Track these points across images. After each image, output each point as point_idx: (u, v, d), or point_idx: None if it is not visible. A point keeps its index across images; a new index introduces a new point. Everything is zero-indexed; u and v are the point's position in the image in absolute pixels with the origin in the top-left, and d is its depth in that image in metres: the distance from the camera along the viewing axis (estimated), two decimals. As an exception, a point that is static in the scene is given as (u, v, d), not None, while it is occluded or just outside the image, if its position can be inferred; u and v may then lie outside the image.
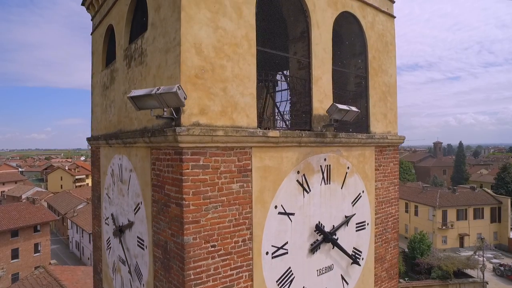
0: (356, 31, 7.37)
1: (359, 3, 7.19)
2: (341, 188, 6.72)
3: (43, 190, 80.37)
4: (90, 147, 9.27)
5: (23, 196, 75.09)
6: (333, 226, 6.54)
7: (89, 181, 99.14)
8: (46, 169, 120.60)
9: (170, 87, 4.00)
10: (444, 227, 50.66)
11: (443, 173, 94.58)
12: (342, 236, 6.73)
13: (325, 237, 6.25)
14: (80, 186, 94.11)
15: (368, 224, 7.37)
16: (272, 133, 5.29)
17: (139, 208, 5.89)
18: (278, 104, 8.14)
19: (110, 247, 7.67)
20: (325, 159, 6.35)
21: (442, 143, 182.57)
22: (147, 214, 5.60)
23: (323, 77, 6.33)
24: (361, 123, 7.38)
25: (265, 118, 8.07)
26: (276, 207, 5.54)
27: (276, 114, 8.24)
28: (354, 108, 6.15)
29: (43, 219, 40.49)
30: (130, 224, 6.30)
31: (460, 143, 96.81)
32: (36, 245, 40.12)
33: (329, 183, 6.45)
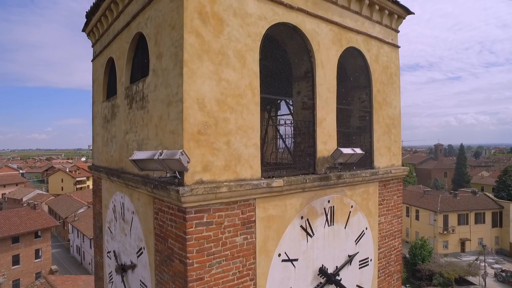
0: (361, 65, 7.29)
1: (363, 37, 7.11)
2: (345, 228, 6.65)
3: (44, 192, 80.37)
4: (92, 176, 9.21)
5: (24, 199, 75.18)
6: (336, 267, 6.47)
7: (89, 183, 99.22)
8: (47, 170, 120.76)
9: (173, 153, 3.93)
10: (445, 232, 50.56)
11: (444, 175, 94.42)
12: (346, 275, 6.66)
13: (328, 279, 6.19)
14: (80, 188, 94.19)
15: (371, 260, 7.30)
16: (276, 183, 5.22)
17: (142, 253, 5.83)
18: (281, 133, 8.11)
19: (113, 281, 7.61)
20: (328, 201, 6.28)
21: (443, 145, 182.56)
22: (150, 261, 5.54)
23: (327, 117, 6.26)
24: (365, 159, 7.29)
25: (266, 142, 8.02)
26: (279, 255, 5.47)
27: (279, 142, 8.19)
28: (358, 150, 6.09)
29: (44, 225, 40.49)
30: (133, 266, 6.24)
31: (461, 146, 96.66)
32: (37, 251, 40.11)
33: (333, 224, 6.38)
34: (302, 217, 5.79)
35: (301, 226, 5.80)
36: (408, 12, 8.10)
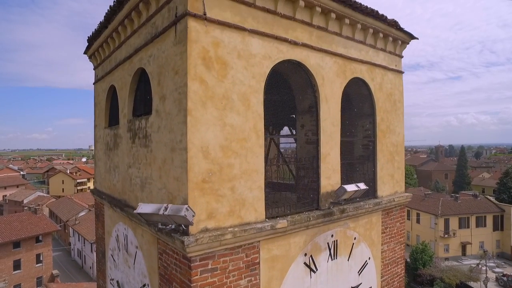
0: (365, 94, 7.26)
1: (367, 66, 7.08)
2: (348, 260, 6.63)
3: (45, 194, 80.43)
4: (94, 201, 9.19)
5: (25, 201, 75.23)
6: (341, 300, 6.45)
7: (90, 184, 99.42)
8: (47, 171, 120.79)
9: (178, 208, 3.91)
10: (446, 236, 50.53)
11: (445, 177, 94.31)
12: (349, 307, 6.64)
13: (332, 314, 6.17)
14: (81, 189, 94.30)
15: (375, 289, 7.28)
16: (280, 224, 5.20)
17: (145, 289, 5.81)
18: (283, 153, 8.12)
19: (115, 309, 7.60)
20: (332, 235, 6.26)
21: (444, 146, 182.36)
22: (153, 300, 5.52)
23: (331, 152, 6.23)
24: (368, 188, 7.26)
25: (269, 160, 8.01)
26: (283, 294, 5.45)
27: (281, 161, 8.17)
28: (362, 186, 6.07)
29: (45, 230, 40.52)
30: (136, 301, 6.22)
31: (462, 147, 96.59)
32: (38, 256, 40.13)
33: (336, 258, 6.36)
34: (305, 254, 5.77)
35: (305, 263, 5.78)
36: (412, 37, 8.07)
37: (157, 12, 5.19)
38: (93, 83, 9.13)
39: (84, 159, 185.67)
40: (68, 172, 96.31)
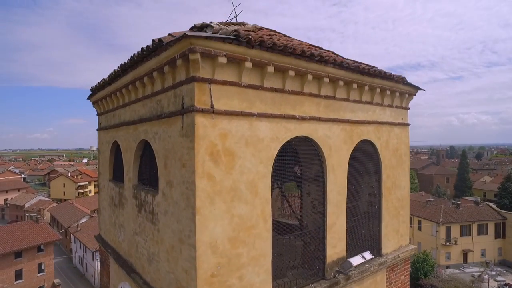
0: (371, 152, 7.21)
1: (374, 126, 7.02)
2: (355, 325, 6.58)
3: (46, 198, 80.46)
4: (99, 246, 9.15)
5: (26, 205, 75.41)
6: None
7: (91, 187, 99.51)
8: (49, 173, 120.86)
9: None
10: (447, 244, 50.45)
11: (446, 180, 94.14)
12: None
13: None
14: (82, 193, 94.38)
15: None
16: (287, 307, 5.16)
17: None
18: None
19: None
20: (339, 305, 6.21)
21: (445, 150, 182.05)
22: None
23: (337, 221, 6.18)
24: (373, 246, 7.22)
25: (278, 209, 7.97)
26: None
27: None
28: (368, 255, 6.05)
29: (47, 239, 40.54)
30: None
31: (463, 151, 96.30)
32: (39, 265, 40.19)
33: (343, 326, 6.32)
34: (312, 329, 5.73)
35: (312, 338, 5.74)
36: (418, 89, 8.02)
37: (163, 92, 5.14)
38: (97, 130, 9.09)
39: (85, 160, 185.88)
40: (69, 175, 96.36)
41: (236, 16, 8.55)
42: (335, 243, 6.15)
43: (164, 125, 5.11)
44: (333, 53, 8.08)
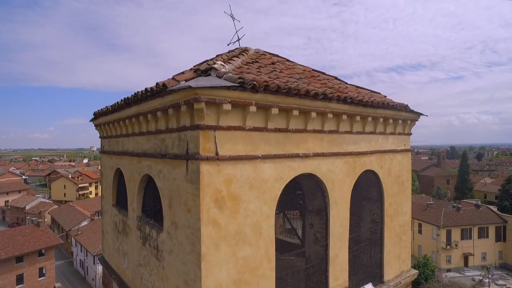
0: (373, 181, 7.23)
1: (377, 155, 7.04)
2: None
3: (47, 200, 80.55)
4: (102, 265, 9.17)
5: (27, 207, 75.51)
6: None
7: (92, 189, 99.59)
8: (49, 174, 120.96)
9: None
10: (448, 247, 50.44)
11: (447, 182, 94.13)
12: None
13: None
14: (83, 194, 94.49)
15: None
16: None
17: None
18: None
19: None
20: (342, 337, 6.24)
21: (445, 151, 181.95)
22: None
23: (340, 253, 6.20)
24: (375, 274, 7.25)
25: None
26: None
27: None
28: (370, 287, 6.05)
29: (48, 243, 40.58)
30: None
31: (464, 153, 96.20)
32: (41, 269, 40.22)
33: None
34: None
35: None
36: (421, 114, 8.04)
37: (167, 132, 5.17)
38: (100, 152, 9.11)
39: (85, 161, 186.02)
40: (70, 176, 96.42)
41: (238, 39, 8.59)
42: (338, 275, 6.18)
43: (168, 166, 5.13)
44: (335, 78, 8.12)
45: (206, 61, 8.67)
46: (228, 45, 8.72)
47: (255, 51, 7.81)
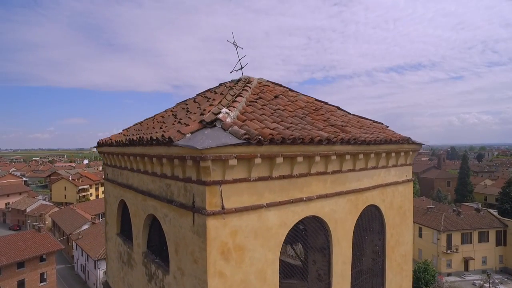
0: (375, 213, 7.29)
1: (379, 189, 7.10)
2: None
3: (47, 203, 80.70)
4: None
5: (28, 210, 75.66)
6: None
7: (92, 190, 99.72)
8: (50, 175, 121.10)
9: None
10: (448, 251, 50.57)
11: (447, 184, 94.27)
12: None
13: None
14: (83, 196, 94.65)
15: None
16: None
17: None
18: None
19: None
20: None
21: (445, 153, 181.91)
22: None
23: (343, 291, 6.28)
24: (378, 306, 7.32)
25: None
26: None
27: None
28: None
29: (49, 249, 40.75)
30: None
31: (464, 156, 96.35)
32: (42, 275, 40.41)
33: None
34: None
35: None
36: (423, 144, 8.10)
37: (172, 179, 5.22)
38: (103, 179, 9.17)
39: (86, 161, 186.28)
40: (71, 178, 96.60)
41: (241, 68, 8.65)
42: (341, 313, 6.24)
43: (174, 212, 5.20)
44: (338, 108, 8.19)
45: (209, 89, 8.78)
46: (231, 72, 8.77)
47: (258, 82, 7.87)
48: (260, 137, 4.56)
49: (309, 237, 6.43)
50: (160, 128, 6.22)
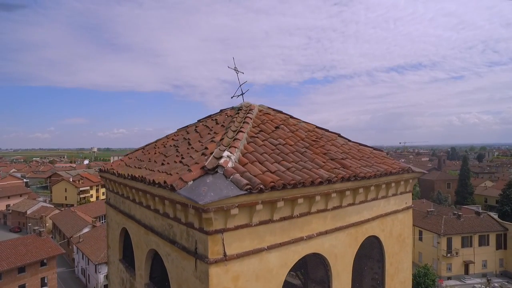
0: (375, 244, 7.36)
1: (378, 220, 7.17)
2: None
3: (48, 205, 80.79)
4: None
5: (28, 212, 75.79)
6: None
7: (93, 192, 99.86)
8: (50, 176, 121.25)
9: None
10: (449, 255, 50.65)
11: (447, 186, 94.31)
12: None
13: None
14: (84, 197, 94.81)
15: None
16: None
17: None
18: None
19: None
20: None
21: (446, 154, 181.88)
22: None
23: (344, 324, 6.35)
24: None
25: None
26: None
27: None
28: None
29: (50, 253, 40.87)
30: None
31: (464, 157, 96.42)
32: (42, 279, 40.54)
33: None
34: None
35: None
36: (423, 172, 8.16)
37: (174, 220, 5.29)
38: (105, 202, 9.25)
39: (86, 162, 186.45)
40: (71, 180, 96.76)
41: (242, 94, 8.73)
42: None
43: (177, 253, 5.27)
44: (339, 135, 8.26)
45: (210, 116, 8.84)
46: (232, 98, 8.87)
47: (258, 110, 7.94)
48: (261, 186, 4.63)
49: (309, 269, 6.51)
50: (162, 164, 6.29)
